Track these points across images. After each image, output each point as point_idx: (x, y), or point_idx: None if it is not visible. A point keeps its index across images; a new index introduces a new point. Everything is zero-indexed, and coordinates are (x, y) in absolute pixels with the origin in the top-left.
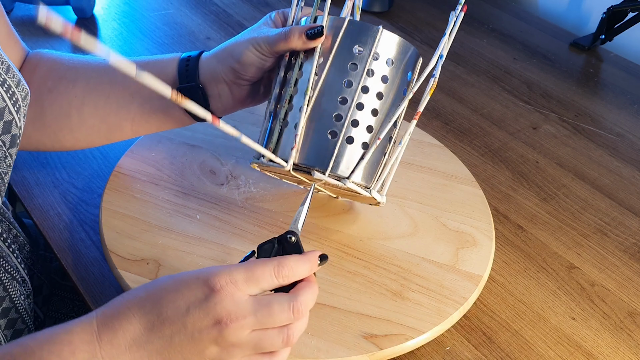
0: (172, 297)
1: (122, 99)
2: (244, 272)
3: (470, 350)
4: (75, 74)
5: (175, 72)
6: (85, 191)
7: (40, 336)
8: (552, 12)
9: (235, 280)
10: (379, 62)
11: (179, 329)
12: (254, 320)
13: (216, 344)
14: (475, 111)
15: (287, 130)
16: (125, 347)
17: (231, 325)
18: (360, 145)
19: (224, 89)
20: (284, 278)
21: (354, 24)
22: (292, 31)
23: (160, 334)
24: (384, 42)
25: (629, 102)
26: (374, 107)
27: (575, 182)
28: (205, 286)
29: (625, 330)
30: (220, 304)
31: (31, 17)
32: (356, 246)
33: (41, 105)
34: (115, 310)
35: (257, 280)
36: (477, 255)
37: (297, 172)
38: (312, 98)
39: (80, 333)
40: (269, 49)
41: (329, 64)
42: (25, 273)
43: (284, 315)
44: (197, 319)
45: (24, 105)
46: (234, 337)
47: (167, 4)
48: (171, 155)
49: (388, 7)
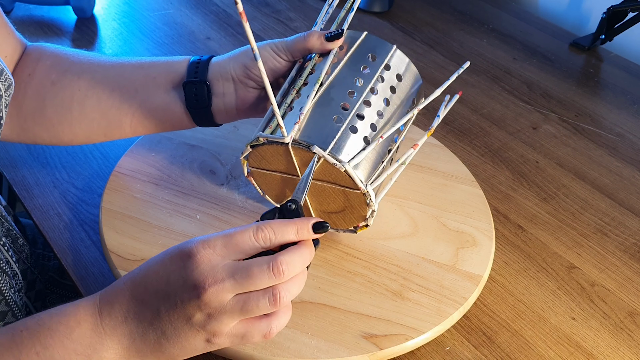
0: (155, 269)
1: (126, 93)
2: (222, 237)
3: (470, 350)
4: (80, 67)
5: (184, 71)
6: (85, 191)
7: (52, 310)
8: (552, 12)
9: (213, 245)
10: (390, 73)
11: (163, 298)
12: (232, 283)
13: (200, 310)
14: (475, 111)
15: (292, 113)
16: (122, 319)
17: (209, 289)
18: (362, 138)
19: (230, 88)
20: (264, 240)
21: (370, 38)
22: (312, 32)
23: (149, 306)
24: (396, 58)
25: (629, 102)
26: (379, 109)
27: (575, 182)
28: (183, 254)
29: (625, 330)
30: (197, 269)
31: (31, 17)
32: (356, 246)
33: (42, 98)
34: (113, 287)
35: (235, 244)
36: (477, 255)
37: (296, 149)
38: (322, 88)
39: (85, 307)
40: (286, 49)
41: (342, 64)
42: (17, 267)
43: (263, 275)
44: (177, 286)
45: (6, 95)
46: (215, 302)
47: (167, 4)
48: (171, 155)
49: (388, 7)
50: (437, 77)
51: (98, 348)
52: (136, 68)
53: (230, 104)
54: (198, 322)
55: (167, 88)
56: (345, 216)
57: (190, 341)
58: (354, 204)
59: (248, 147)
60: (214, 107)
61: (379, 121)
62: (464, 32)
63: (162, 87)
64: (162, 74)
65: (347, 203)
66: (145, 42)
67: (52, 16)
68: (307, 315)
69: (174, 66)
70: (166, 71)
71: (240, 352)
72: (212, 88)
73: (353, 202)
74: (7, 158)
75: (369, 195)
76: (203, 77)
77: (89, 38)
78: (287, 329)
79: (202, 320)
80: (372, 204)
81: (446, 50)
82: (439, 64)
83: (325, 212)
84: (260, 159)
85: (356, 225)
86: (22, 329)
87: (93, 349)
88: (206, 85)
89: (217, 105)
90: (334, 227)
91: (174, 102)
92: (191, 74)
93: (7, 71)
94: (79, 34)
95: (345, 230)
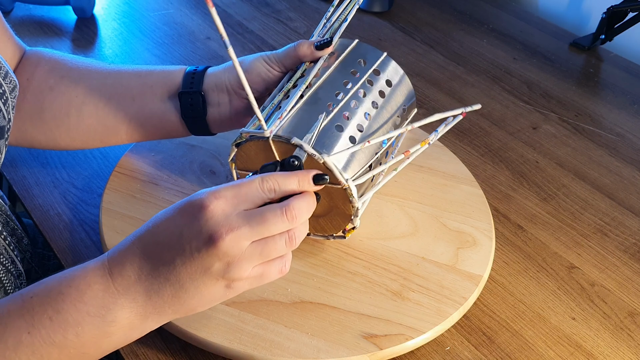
0: (166, 224)
1: (123, 101)
2: (230, 188)
3: (470, 350)
4: (78, 74)
5: (180, 81)
6: (85, 191)
7: (59, 275)
8: (552, 12)
9: (223, 195)
10: (379, 78)
11: (178, 252)
12: (248, 230)
13: (219, 260)
14: (475, 111)
15: (278, 112)
16: (135, 278)
17: (227, 238)
18: (347, 137)
19: (224, 98)
20: (269, 191)
21: (361, 45)
22: (302, 42)
23: (163, 261)
24: (391, 69)
25: (629, 102)
26: (366, 110)
27: (575, 182)
28: (193, 207)
29: (625, 330)
30: (211, 220)
31: (31, 17)
32: (356, 246)
33: (41, 103)
34: (122, 246)
35: (245, 193)
36: (477, 255)
37: (277, 144)
38: (311, 89)
39: (94, 269)
40: (278, 60)
41: (332, 69)
42: (22, 267)
43: (277, 220)
44: (192, 238)
45: (12, 97)
46: (234, 249)
47: (167, 4)
48: (171, 155)
49: (388, 7)
50: (437, 77)
51: (112, 308)
52: (133, 76)
53: (225, 114)
54: (217, 271)
55: (163, 97)
56: (332, 219)
57: (210, 289)
58: (338, 202)
59: (233, 146)
60: (209, 117)
61: (366, 122)
62: (464, 32)
63: (158, 96)
64: (158, 83)
65: (332, 202)
66: (145, 42)
67: (52, 16)
68: (307, 315)
69: (170, 75)
70: (163, 80)
71: (240, 352)
72: (207, 98)
73: (337, 200)
74: (7, 158)
75: (350, 190)
76: (198, 87)
77: (89, 38)
78: (287, 328)
79: (222, 269)
80: (355, 201)
81: (446, 50)
82: (439, 64)
83: (314, 216)
84: (245, 158)
85: (344, 228)
86: (32, 295)
87: (107, 309)
88: (201, 95)
89: (212, 115)
90: (323, 234)
91: (169, 111)
92: (187, 84)
93: (11, 73)
94: (79, 34)
95: (335, 237)
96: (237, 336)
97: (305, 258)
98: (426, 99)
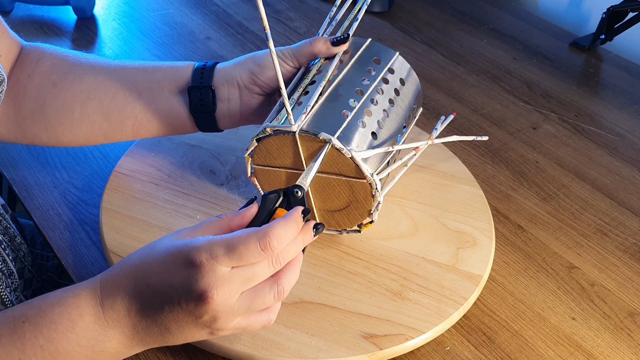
0: (159, 268)
1: (130, 96)
2: (225, 247)
3: (470, 350)
4: (82, 69)
5: (189, 76)
6: (85, 191)
7: (51, 298)
8: (552, 12)
9: (215, 255)
10: (394, 77)
11: (167, 301)
12: (238, 288)
13: (207, 314)
14: (475, 111)
15: (299, 108)
16: (125, 313)
17: (217, 297)
18: (370, 133)
19: (235, 94)
20: (270, 250)
21: (374, 44)
22: (318, 38)
23: (152, 305)
24: (398, 63)
25: (629, 102)
26: (384, 107)
27: (575, 182)
28: (186, 261)
29: (625, 330)
30: (202, 280)
31: (31, 17)
32: (356, 246)
33: (43, 99)
34: (114, 276)
35: (239, 255)
36: (477, 255)
37: (303, 139)
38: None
39: (86, 297)
40: (292, 55)
41: (349, 66)
42: (14, 265)
43: (266, 271)
44: (182, 292)
45: None
46: (222, 306)
47: (167, 4)
48: (171, 155)
49: (388, 7)
50: (437, 77)
51: (101, 339)
52: (140, 71)
53: (235, 109)
54: (204, 322)
55: (171, 92)
56: (350, 213)
57: (194, 334)
58: (359, 197)
59: (254, 141)
60: (218, 113)
61: (385, 119)
62: (464, 32)
63: (166, 91)
64: (166, 78)
65: (352, 197)
66: (145, 42)
67: (52, 16)
68: (307, 315)
69: (178, 71)
70: (171, 75)
71: (240, 352)
72: (217, 93)
73: (358, 194)
74: (7, 158)
75: (376, 184)
76: (208, 82)
77: (89, 38)
78: (287, 328)
79: (208, 321)
80: (379, 195)
81: (446, 50)
82: (439, 64)
83: (329, 211)
84: (265, 154)
85: (360, 222)
86: (24, 319)
87: (96, 341)
88: (211, 90)
89: (221, 111)
90: (338, 229)
91: (177, 107)
92: (196, 79)
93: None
94: (79, 34)
95: (349, 231)
96: (237, 336)
97: (305, 258)
98: (426, 99)
